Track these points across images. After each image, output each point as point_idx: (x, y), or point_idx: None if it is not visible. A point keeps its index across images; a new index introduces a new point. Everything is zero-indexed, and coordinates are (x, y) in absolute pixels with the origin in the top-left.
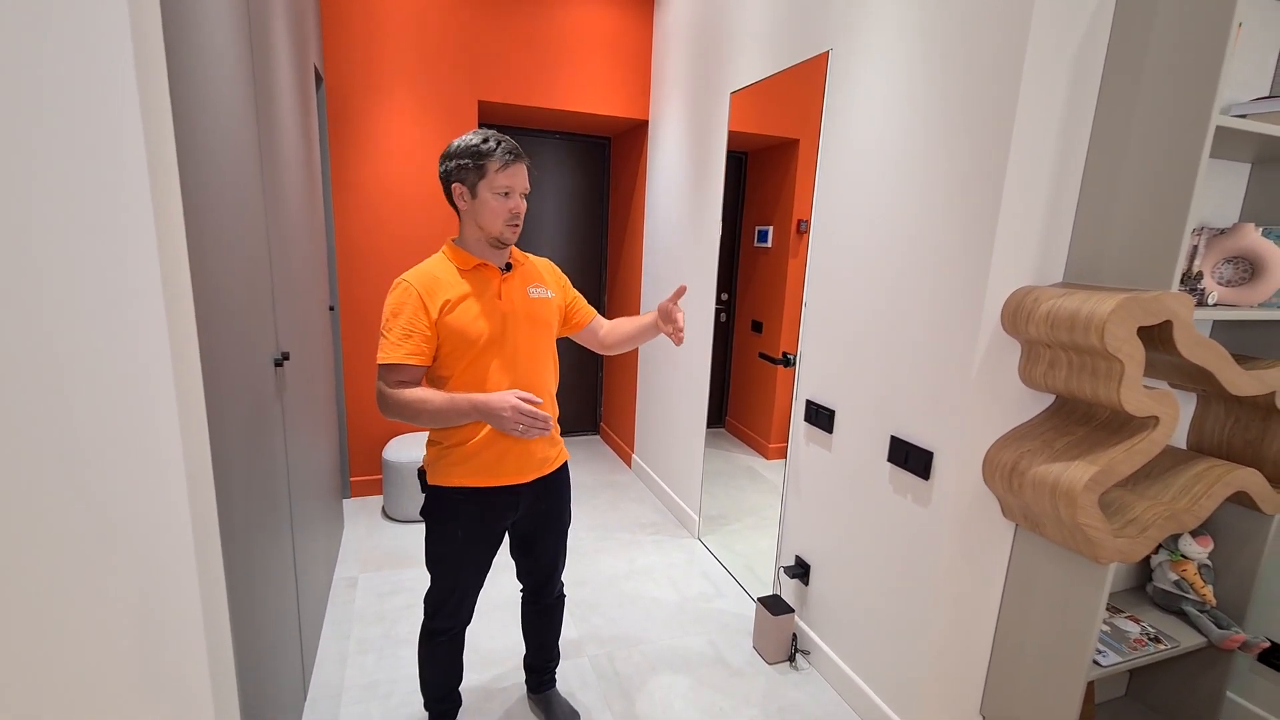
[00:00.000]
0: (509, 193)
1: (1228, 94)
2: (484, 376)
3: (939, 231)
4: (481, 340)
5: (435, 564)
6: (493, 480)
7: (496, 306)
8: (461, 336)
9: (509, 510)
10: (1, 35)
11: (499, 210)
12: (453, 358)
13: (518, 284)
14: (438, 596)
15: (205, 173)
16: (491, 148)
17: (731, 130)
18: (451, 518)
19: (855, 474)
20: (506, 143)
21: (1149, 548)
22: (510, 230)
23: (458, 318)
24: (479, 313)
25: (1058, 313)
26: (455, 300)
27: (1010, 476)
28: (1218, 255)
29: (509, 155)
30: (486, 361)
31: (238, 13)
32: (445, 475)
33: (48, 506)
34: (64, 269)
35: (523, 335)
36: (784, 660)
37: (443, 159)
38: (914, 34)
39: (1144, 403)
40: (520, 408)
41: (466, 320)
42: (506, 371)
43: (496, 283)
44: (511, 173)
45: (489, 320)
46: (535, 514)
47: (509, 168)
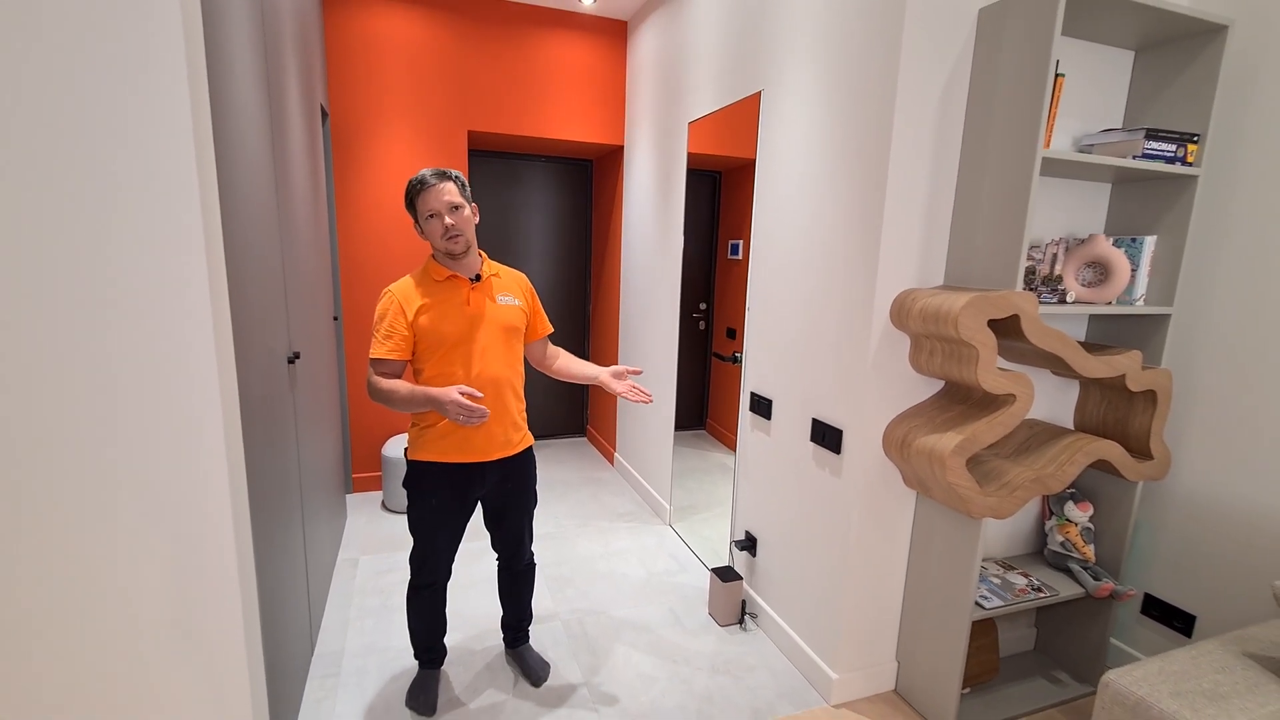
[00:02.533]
0: (434, 215)
1: (1081, 126)
2: (451, 370)
3: (842, 243)
4: (449, 340)
5: (415, 527)
6: (460, 457)
7: (464, 312)
8: (432, 337)
9: (476, 483)
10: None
11: (434, 230)
12: (427, 354)
13: (486, 293)
14: (418, 556)
15: (236, 200)
16: (414, 183)
17: (699, 153)
18: (426, 487)
19: (789, 454)
20: (423, 173)
21: (1017, 505)
22: (450, 243)
23: (429, 321)
24: (447, 317)
25: (926, 309)
26: (428, 306)
27: (902, 447)
28: (1078, 261)
29: (421, 185)
30: (454, 358)
31: (259, 69)
32: (421, 451)
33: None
34: (126, 275)
35: (486, 337)
36: (734, 623)
37: None
38: (819, 77)
39: (1000, 382)
40: (459, 401)
41: (436, 324)
42: (469, 367)
43: (465, 291)
44: (428, 197)
45: (456, 324)
46: (503, 491)
47: (425, 194)
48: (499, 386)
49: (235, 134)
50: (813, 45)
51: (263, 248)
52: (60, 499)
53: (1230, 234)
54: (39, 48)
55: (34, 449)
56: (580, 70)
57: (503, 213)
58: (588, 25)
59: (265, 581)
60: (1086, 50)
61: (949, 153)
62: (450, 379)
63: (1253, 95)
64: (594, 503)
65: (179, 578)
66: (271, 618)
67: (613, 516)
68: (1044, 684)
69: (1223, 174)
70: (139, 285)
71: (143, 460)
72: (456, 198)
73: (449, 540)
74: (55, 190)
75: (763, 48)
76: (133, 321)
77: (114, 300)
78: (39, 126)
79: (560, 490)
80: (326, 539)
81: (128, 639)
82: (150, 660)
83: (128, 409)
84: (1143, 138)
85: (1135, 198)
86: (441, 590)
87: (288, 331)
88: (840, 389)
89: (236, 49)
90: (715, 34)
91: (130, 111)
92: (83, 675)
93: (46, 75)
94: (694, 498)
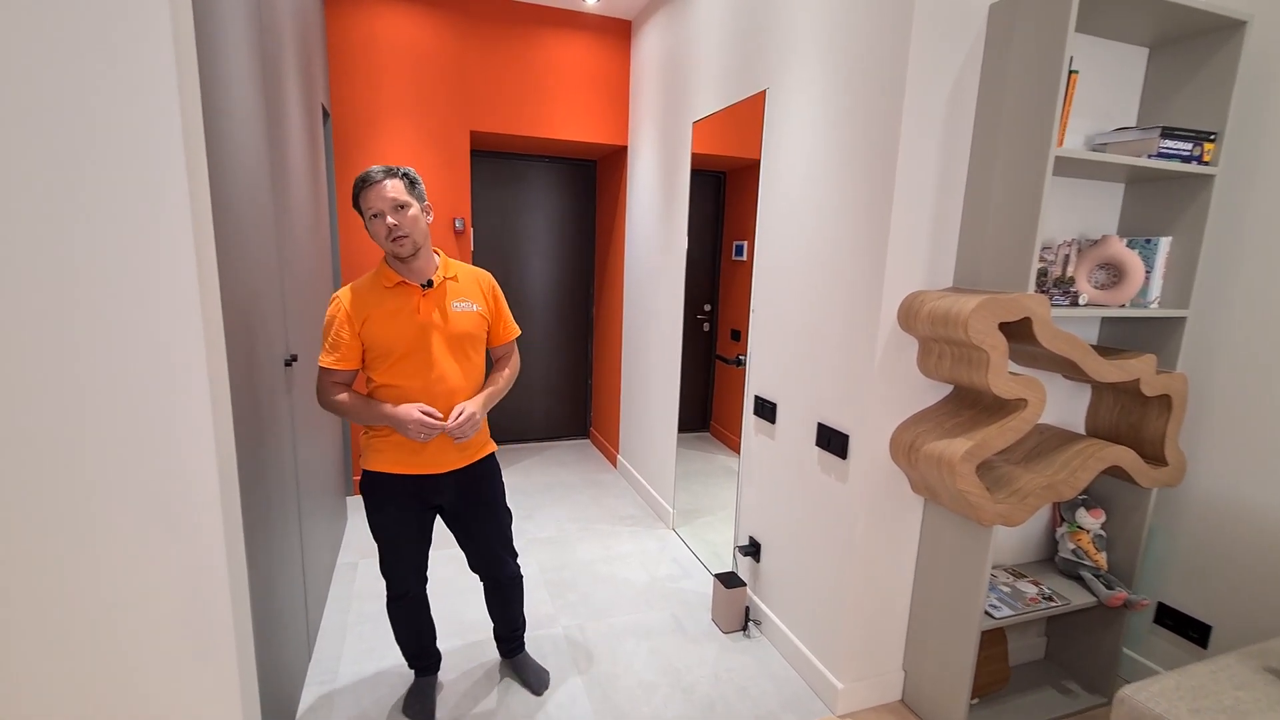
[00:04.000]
0: (377, 214)
1: (1093, 125)
2: (401, 381)
3: (847, 245)
4: (397, 350)
5: (376, 536)
6: (411, 469)
7: (414, 320)
8: (379, 347)
9: (432, 494)
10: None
11: (378, 231)
12: (375, 363)
13: (438, 300)
14: (385, 567)
15: (229, 200)
16: (359, 180)
17: (703, 153)
18: (381, 495)
19: (793, 458)
20: (372, 170)
21: (1029, 513)
22: (395, 245)
23: (375, 331)
24: (395, 326)
25: (935, 312)
26: (375, 315)
27: (909, 453)
28: (1091, 263)
29: (365, 182)
30: (403, 369)
31: (255, 71)
32: (372, 461)
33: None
34: (113, 277)
35: (437, 346)
36: (738, 630)
37: None
38: (825, 76)
39: (1011, 387)
40: (422, 420)
41: (383, 333)
42: (419, 377)
43: (416, 299)
44: (371, 195)
45: (404, 333)
46: (466, 501)
47: (367, 191)
48: (454, 397)
49: (229, 133)
50: (819, 43)
51: (258, 249)
52: (41, 504)
53: (1248, 234)
54: (14, 39)
55: (12, 453)
56: (584, 70)
57: (505, 213)
58: (591, 25)
59: (259, 586)
60: (1099, 47)
61: (958, 152)
62: (401, 390)
63: (1272, 92)
64: (596, 506)
65: (166, 583)
66: (266, 623)
67: (615, 520)
68: (1055, 694)
69: (1240, 173)
70: (123, 287)
71: (128, 464)
72: (403, 195)
73: (414, 550)
74: (32, 189)
75: (767, 46)
76: (118, 325)
77: (98, 304)
78: (11, 125)
79: (561, 493)
80: (325, 542)
81: (112, 645)
82: (136, 667)
83: (113, 413)
84: (1158, 136)
85: (1150, 198)
86: (418, 599)
87: (285, 334)
88: (846, 393)
89: (231, 47)
90: (719, 32)
91: (115, 109)
92: (63, 684)
93: (21, 70)
94: (698, 501)
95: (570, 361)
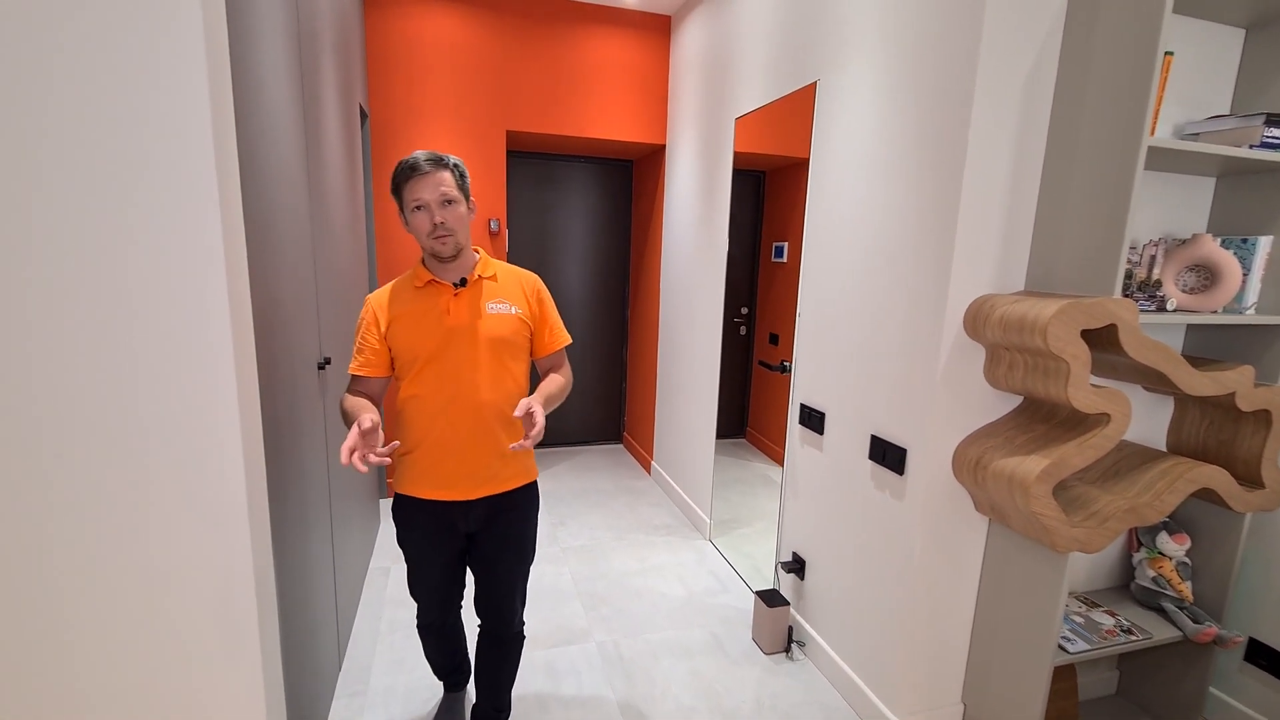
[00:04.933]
0: (421, 206)
1: (1183, 113)
2: (424, 391)
3: (908, 246)
4: (422, 355)
5: (409, 562)
6: (440, 494)
7: (442, 323)
8: (404, 350)
9: (462, 520)
10: (108, 101)
11: (419, 225)
12: (401, 368)
13: (471, 300)
14: (416, 592)
15: (263, 203)
16: (404, 166)
17: (742, 151)
18: (411, 522)
19: (843, 472)
20: (416, 156)
21: (1109, 539)
22: (438, 243)
23: (400, 333)
24: (422, 330)
25: (1009, 317)
26: (402, 316)
27: (975, 470)
28: (1179, 264)
29: (412, 169)
30: (426, 378)
31: (293, 71)
32: (401, 484)
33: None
34: (141, 277)
35: (466, 351)
36: (780, 651)
37: None
38: (885, 66)
39: (1093, 400)
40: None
41: (407, 336)
42: (444, 388)
43: (446, 299)
44: (417, 185)
45: (430, 336)
46: (493, 534)
47: (414, 180)
48: (481, 413)
49: (264, 132)
50: (878, 30)
51: (293, 251)
52: (67, 508)
53: None
54: (47, 41)
55: (40, 456)
56: (621, 67)
57: (540, 215)
58: (630, 20)
59: (288, 588)
60: (1190, 27)
61: (1032, 144)
62: (423, 403)
63: None
64: (630, 514)
65: (192, 583)
66: (296, 631)
67: (650, 529)
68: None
69: None
70: (151, 289)
71: (156, 465)
72: (452, 190)
73: (442, 580)
74: (59, 189)
75: (819, 35)
76: (147, 328)
77: (125, 304)
78: (44, 125)
79: (594, 499)
80: (357, 547)
81: (135, 645)
82: (159, 667)
83: (139, 415)
84: (1263, 124)
85: (1247, 192)
86: (451, 627)
87: (319, 337)
88: (904, 404)
89: (267, 47)
90: (766, 23)
91: (141, 107)
92: (87, 683)
93: (52, 71)
94: (735, 511)
95: (604, 364)
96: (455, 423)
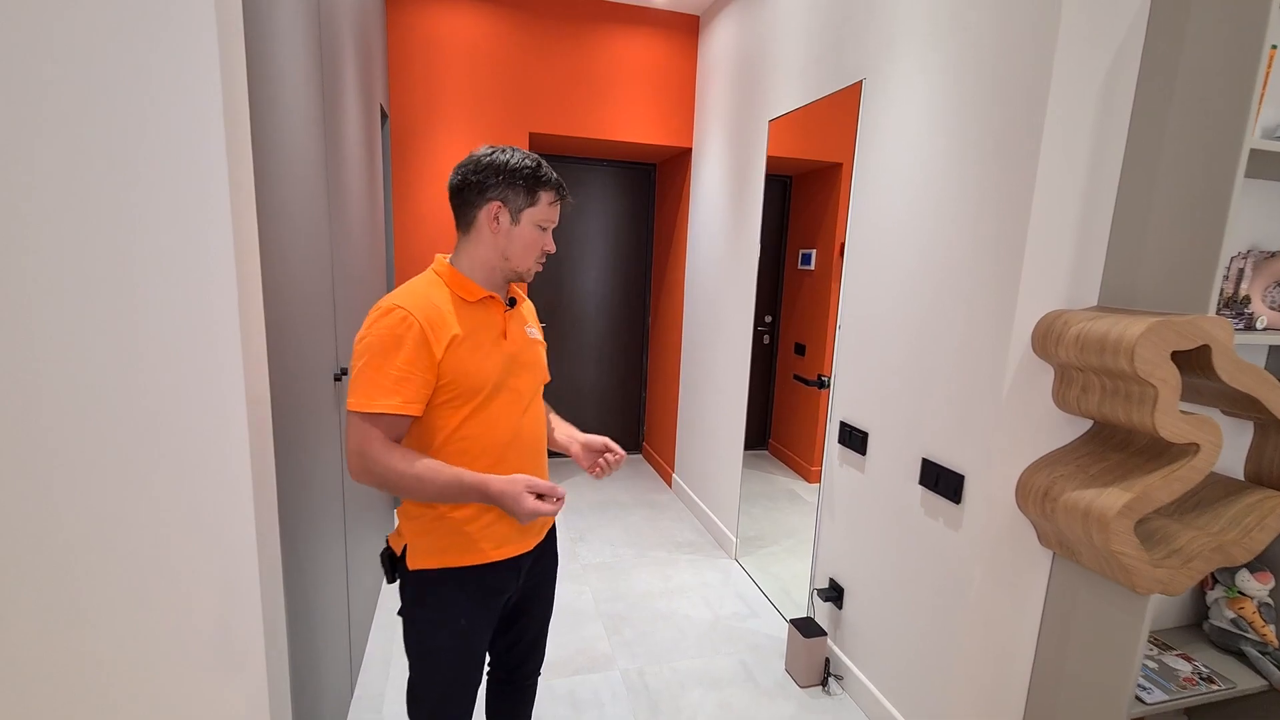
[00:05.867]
0: (548, 227)
1: (1274, 114)
2: (486, 425)
3: (969, 256)
4: (487, 388)
5: (434, 663)
6: (496, 553)
7: (501, 348)
8: (465, 378)
9: (510, 582)
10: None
11: (536, 244)
12: (449, 408)
13: (520, 322)
14: (444, 697)
15: (279, 210)
16: (549, 178)
17: (773, 155)
18: (449, 608)
19: (888, 496)
20: (557, 175)
21: (1193, 580)
22: (538, 267)
23: (463, 360)
24: (485, 355)
25: (1087, 336)
26: (462, 337)
27: (1043, 501)
28: (1268, 279)
29: (561, 191)
30: (491, 414)
31: (313, 72)
32: (436, 555)
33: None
34: (147, 282)
35: (525, 382)
36: (816, 684)
37: (479, 169)
38: (943, 63)
39: (1182, 429)
40: (538, 508)
41: (472, 363)
42: (510, 419)
43: (501, 319)
44: (557, 210)
45: (495, 364)
46: (530, 583)
47: (557, 204)
48: (538, 446)
49: (281, 136)
50: (934, 25)
51: (309, 259)
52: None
53: None
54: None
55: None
56: (647, 68)
57: (560, 219)
58: (656, 20)
59: (297, 611)
60: None
61: (1110, 146)
62: (483, 443)
63: None
64: (650, 529)
65: (195, 607)
66: (304, 654)
67: (672, 546)
68: None
69: None
70: (158, 294)
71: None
72: None
73: (476, 674)
74: (65, 189)
75: (867, 31)
76: (153, 337)
77: (130, 309)
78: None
79: (614, 513)
80: (372, 563)
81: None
82: (160, 682)
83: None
84: None
85: None
86: None
87: (335, 346)
88: (961, 427)
89: (285, 48)
90: (806, 20)
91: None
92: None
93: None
94: (760, 527)
95: (623, 373)
96: (521, 463)
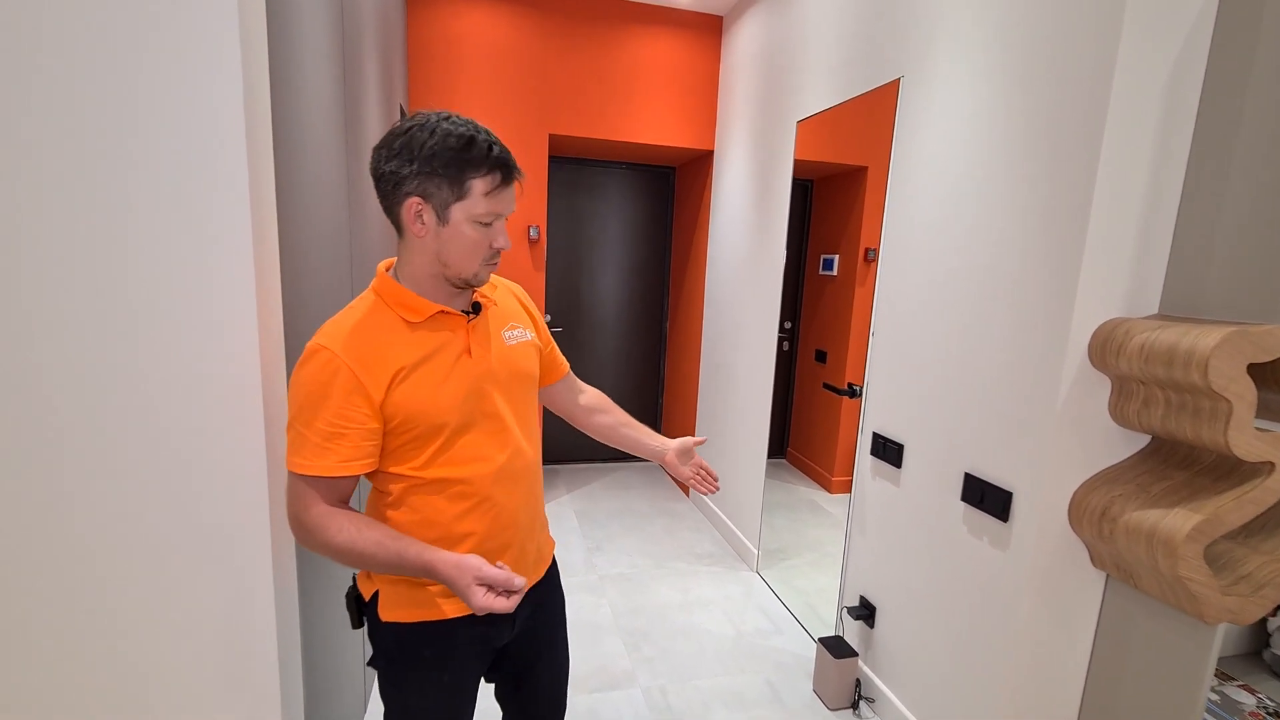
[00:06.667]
0: (497, 219)
1: None
2: (459, 466)
3: (1018, 260)
4: (452, 421)
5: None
6: None
7: (467, 371)
8: (422, 422)
9: (503, 630)
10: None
11: (478, 245)
12: (409, 450)
13: (489, 331)
14: None
15: (301, 204)
16: (481, 154)
17: (797, 159)
18: (431, 665)
19: (926, 512)
20: (498, 149)
21: (1264, 609)
22: (487, 270)
23: (413, 396)
24: (441, 384)
25: (1153, 346)
26: (408, 370)
27: (1100, 522)
28: None
29: (502, 171)
30: (465, 450)
31: (334, 70)
32: (412, 608)
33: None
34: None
35: (503, 402)
36: (846, 707)
37: (391, 154)
38: (991, 57)
39: (1257, 447)
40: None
41: (426, 398)
42: (488, 454)
43: (463, 335)
44: (502, 197)
45: (455, 393)
46: (526, 631)
47: (500, 191)
48: (531, 477)
49: (302, 138)
50: (982, 19)
51: (330, 263)
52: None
53: None
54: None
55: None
56: (669, 69)
57: (578, 222)
58: (679, 20)
59: (311, 638)
60: None
61: (1175, 144)
62: (456, 486)
63: None
64: (669, 539)
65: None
66: (319, 682)
67: (691, 557)
68: None
69: None
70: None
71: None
72: None
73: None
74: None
75: (906, 26)
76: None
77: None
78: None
79: (631, 521)
80: None
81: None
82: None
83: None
84: None
85: None
86: None
87: None
88: (1009, 441)
89: (308, 49)
90: (838, 18)
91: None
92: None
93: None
94: (781, 538)
95: (641, 378)
96: (511, 500)
